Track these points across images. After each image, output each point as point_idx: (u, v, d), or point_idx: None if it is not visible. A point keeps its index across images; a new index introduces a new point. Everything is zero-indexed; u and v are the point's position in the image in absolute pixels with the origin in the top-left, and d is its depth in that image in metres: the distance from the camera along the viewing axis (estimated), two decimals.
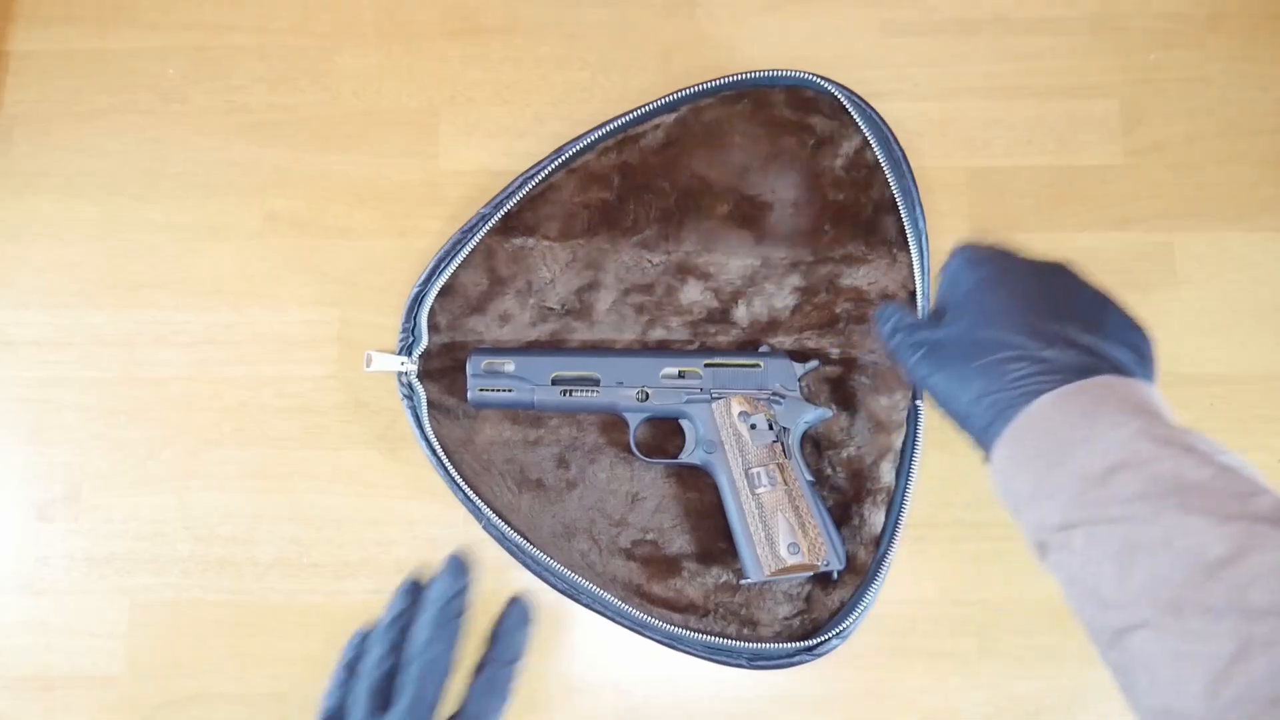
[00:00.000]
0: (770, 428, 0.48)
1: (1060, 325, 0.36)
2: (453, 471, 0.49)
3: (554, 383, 0.49)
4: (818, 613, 0.49)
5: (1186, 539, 0.29)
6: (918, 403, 0.50)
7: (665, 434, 0.51)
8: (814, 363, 0.50)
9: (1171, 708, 0.29)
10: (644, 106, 0.50)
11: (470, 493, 0.49)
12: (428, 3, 0.56)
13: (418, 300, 0.49)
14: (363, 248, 0.54)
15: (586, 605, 0.48)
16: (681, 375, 0.49)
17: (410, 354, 0.49)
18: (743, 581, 0.48)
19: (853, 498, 0.50)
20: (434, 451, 0.49)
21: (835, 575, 0.49)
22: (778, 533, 0.46)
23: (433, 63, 0.56)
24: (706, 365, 0.49)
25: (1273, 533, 0.29)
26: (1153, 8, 0.56)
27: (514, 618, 0.40)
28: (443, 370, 0.51)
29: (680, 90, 0.50)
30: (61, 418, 0.52)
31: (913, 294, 0.50)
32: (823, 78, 0.50)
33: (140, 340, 0.53)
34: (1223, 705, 0.28)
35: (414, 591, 0.41)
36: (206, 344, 0.53)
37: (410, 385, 0.49)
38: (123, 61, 0.56)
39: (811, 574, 0.48)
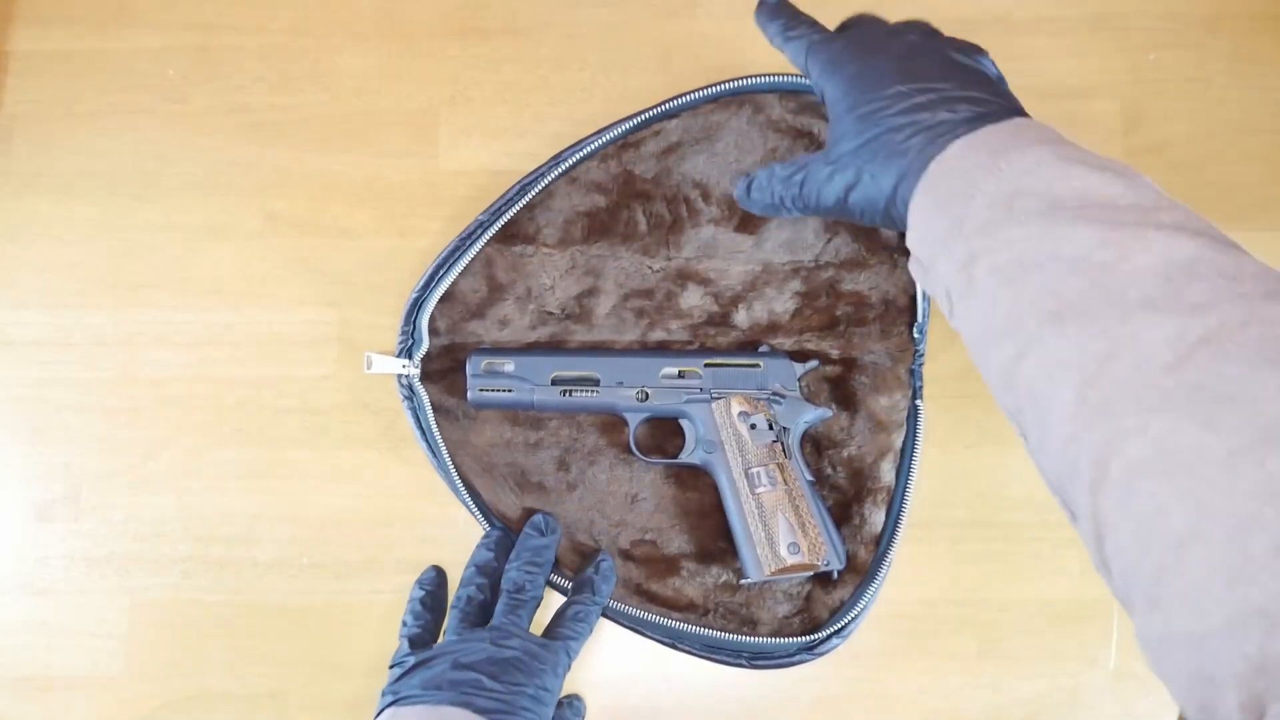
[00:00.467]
0: (770, 427, 0.48)
1: (966, 71, 0.36)
2: (453, 473, 0.49)
3: (554, 383, 0.49)
4: (818, 612, 0.49)
5: (1073, 247, 0.28)
6: (918, 403, 0.50)
7: (665, 434, 0.51)
8: (814, 363, 0.50)
9: (1046, 425, 0.28)
10: (643, 113, 0.50)
11: (470, 494, 0.49)
12: (428, 3, 0.56)
13: (417, 305, 0.49)
14: (363, 248, 0.54)
15: None
16: (681, 375, 0.49)
17: (411, 356, 0.49)
18: (743, 581, 0.48)
19: (853, 497, 0.50)
20: (435, 453, 0.49)
21: (835, 575, 0.49)
22: (778, 532, 0.46)
23: (433, 63, 0.56)
24: (706, 365, 0.49)
25: (1158, 236, 0.27)
26: (1153, 8, 0.56)
27: (601, 570, 0.47)
28: (443, 371, 0.51)
29: (680, 95, 0.50)
30: (61, 418, 0.52)
31: (913, 298, 0.50)
32: None
33: (140, 340, 0.53)
34: (1090, 411, 0.26)
35: (497, 547, 0.47)
36: (206, 344, 0.53)
37: (410, 387, 0.49)
38: (123, 61, 0.56)
39: (812, 574, 0.48)
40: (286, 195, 0.54)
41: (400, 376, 0.49)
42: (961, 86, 0.35)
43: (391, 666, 0.44)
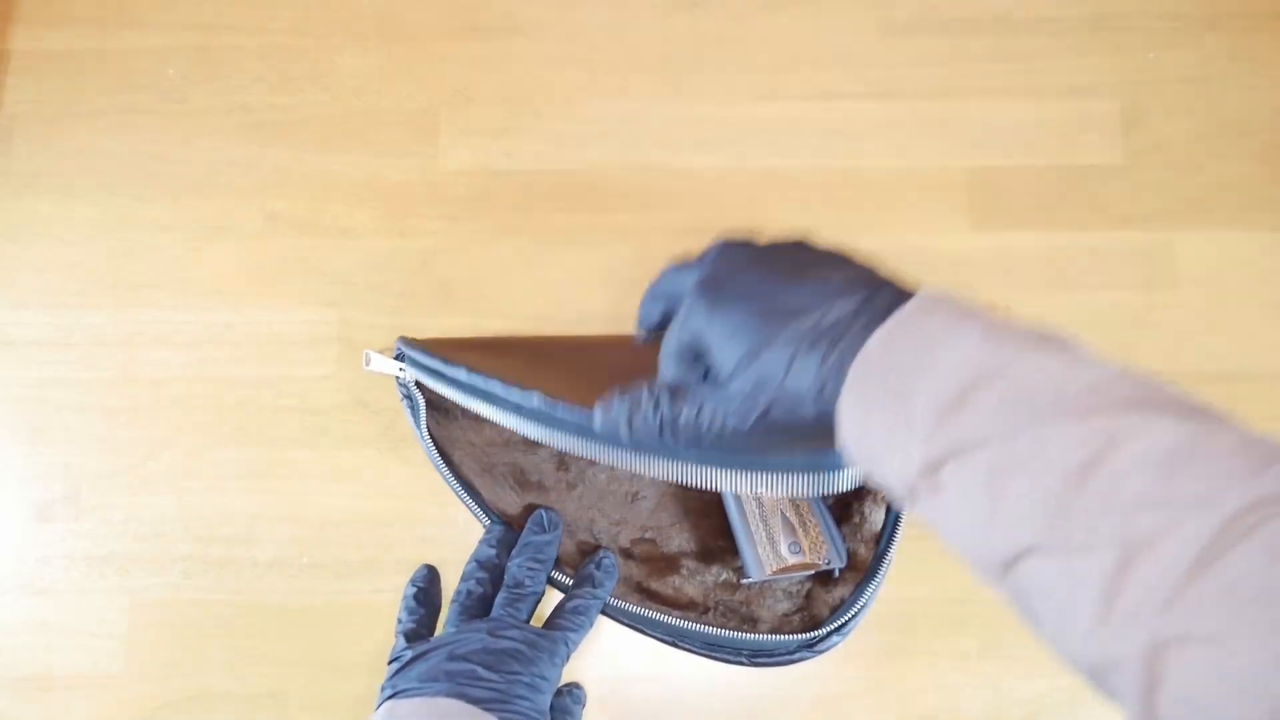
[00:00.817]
0: None
1: (846, 262, 0.34)
2: (448, 474, 0.48)
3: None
4: (818, 610, 0.49)
5: (1047, 450, 0.27)
6: None
7: None
8: None
9: (1063, 622, 0.27)
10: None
11: (470, 493, 0.49)
12: (428, 3, 0.56)
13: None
14: (363, 248, 0.54)
15: None
16: None
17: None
18: (744, 580, 0.47)
19: (853, 495, 0.50)
20: (435, 453, 0.49)
21: (836, 573, 0.49)
22: (778, 531, 0.46)
23: (433, 63, 0.56)
24: None
25: (1136, 419, 0.27)
26: (1153, 7, 0.56)
27: (602, 566, 0.47)
28: None
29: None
30: (61, 418, 0.52)
31: None
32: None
33: (140, 340, 0.53)
34: (1120, 618, 0.25)
35: (499, 544, 0.47)
36: (206, 344, 0.53)
37: (409, 388, 0.49)
38: (123, 61, 0.56)
39: (812, 572, 0.48)
40: (286, 195, 0.54)
41: (399, 378, 0.49)
42: (850, 278, 0.33)
43: (389, 662, 0.44)
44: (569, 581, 0.48)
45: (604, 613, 0.48)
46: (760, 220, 0.54)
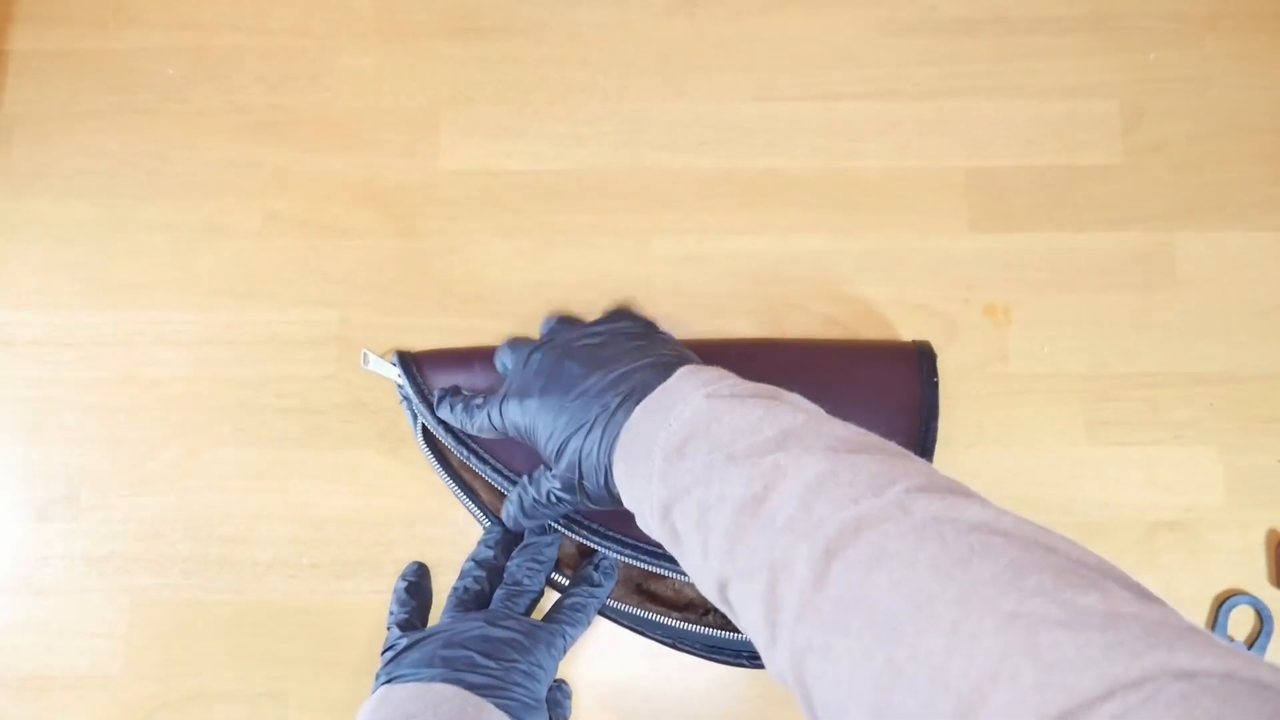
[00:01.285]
0: None
1: (641, 343, 0.41)
2: (447, 476, 0.48)
3: None
4: None
5: (730, 488, 0.31)
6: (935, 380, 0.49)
7: None
8: None
9: (757, 641, 0.31)
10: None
11: (469, 495, 0.49)
12: (428, 3, 0.56)
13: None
14: (363, 248, 0.54)
15: None
16: None
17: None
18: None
19: None
20: (433, 456, 0.49)
21: None
22: None
23: (433, 63, 0.56)
24: None
25: (795, 461, 0.31)
26: (1153, 7, 0.56)
27: (601, 566, 0.48)
28: None
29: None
30: (61, 418, 0.52)
31: None
32: None
33: (140, 340, 0.53)
34: (782, 632, 0.29)
35: (498, 545, 0.48)
36: (206, 344, 0.53)
37: (407, 389, 0.49)
38: (123, 61, 0.56)
39: None
40: (286, 195, 0.54)
41: (398, 381, 0.49)
42: (637, 358, 0.39)
43: (383, 652, 0.44)
44: (568, 583, 0.48)
45: (604, 615, 0.48)
46: (759, 221, 0.54)
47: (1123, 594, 0.24)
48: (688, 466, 0.33)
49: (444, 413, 0.47)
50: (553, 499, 0.42)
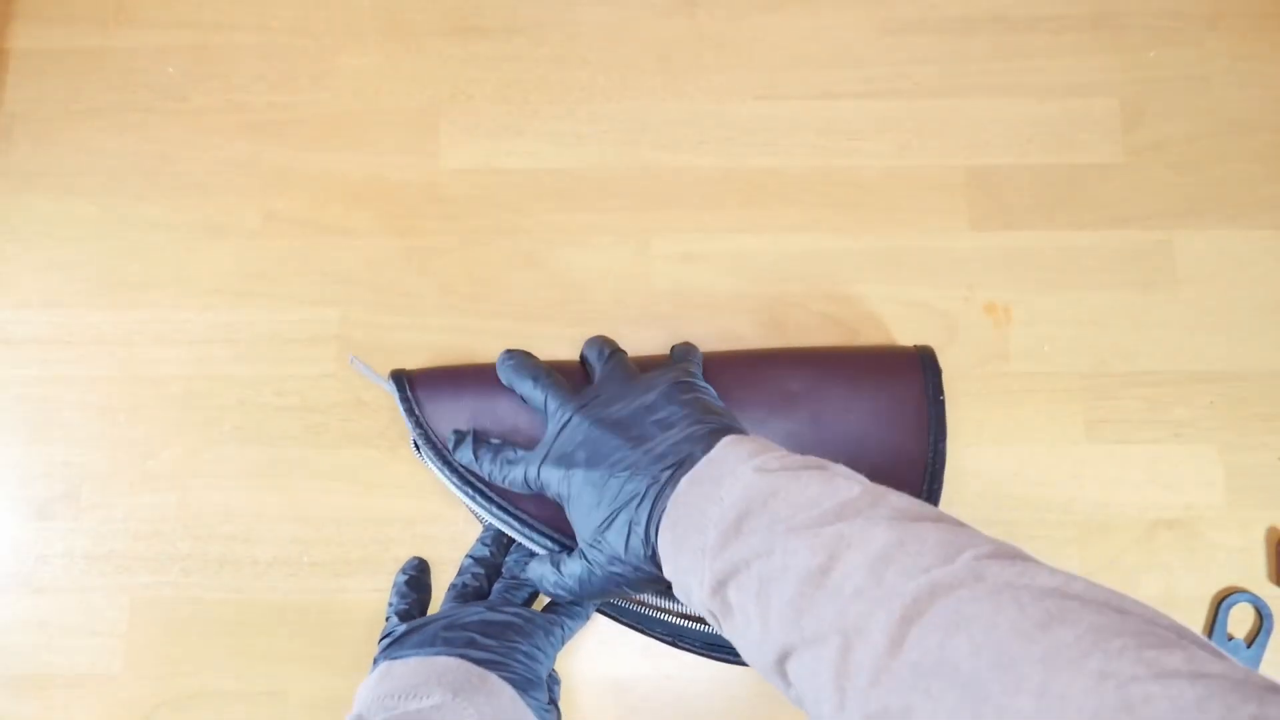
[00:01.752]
0: None
1: (686, 408, 0.40)
2: (444, 477, 0.48)
3: None
4: None
5: (794, 559, 0.32)
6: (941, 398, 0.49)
7: None
8: None
9: (821, 714, 0.31)
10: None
11: (469, 493, 0.49)
12: (428, 2, 0.56)
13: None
14: (363, 248, 0.54)
15: None
16: None
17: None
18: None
19: None
20: (430, 459, 0.49)
21: None
22: None
23: (433, 63, 0.56)
24: None
25: (861, 525, 0.31)
26: (1153, 6, 0.56)
27: None
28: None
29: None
30: (61, 417, 0.52)
31: None
32: None
33: (140, 339, 0.53)
34: (853, 701, 0.29)
35: (495, 542, 0.48)
36: (206, 343, 0.53)
37: (405, 391, 0.49)
38: (123, 61, 0.56)
39: None
40: (286, 195, 0.54)
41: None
42: (685, 427, 0.39)
43: (381, 639, 0.44)
44: None
45: (604, 612, 0.48)
46: (759, 221, 0.54)
47: (1203, 654, 0.24)
48: (746, 541, 0.33)
49: (464, 457, 0.45)
50: (576, 582, 0.42)
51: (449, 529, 0.51)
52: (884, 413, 0.48)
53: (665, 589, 0.41)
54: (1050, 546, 0.50)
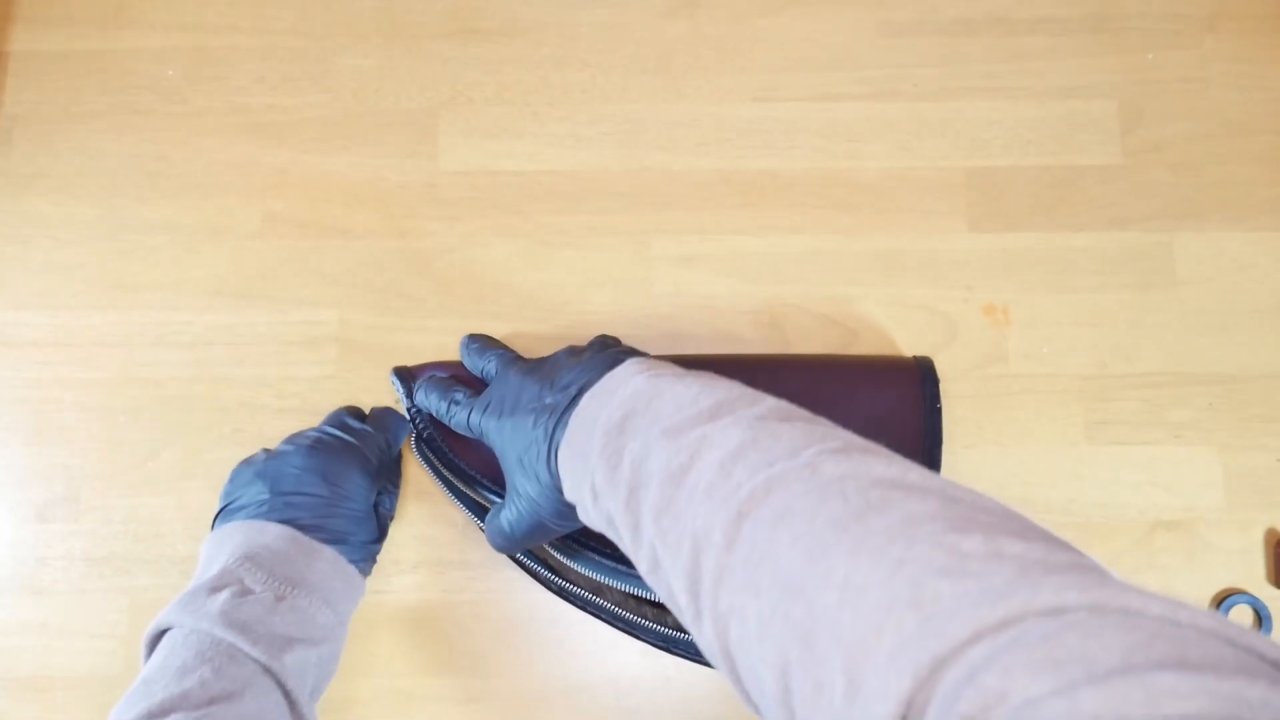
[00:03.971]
0: None
1: (591, 358, 0.41)
2: (440, 480, 0.49)
3: None
4: None
5: (658, 462, 0.32)
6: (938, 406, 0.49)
7: None
8: None
9: (680, 614, 0.31)
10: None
11: (466, 495, 0.49)
12: (428, 3, 0.56)
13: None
14: (363, 248, 0.54)
15: (580, 607, 0.48)
16: None
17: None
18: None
19: None
20: (430, 463, 0.49)
21: None
22: None
23: (433, 63, 0.56)
24: None
25: (720, 431, 0.31)
26: (1153, 8, 0.56)
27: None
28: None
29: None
30: (61, 418, 0.52)
31: None
32: None
33: (140, 341, 0.53)
34: (703, 601, 0.29)
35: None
36: (206, 345, 0.53)
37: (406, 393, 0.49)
38: (123, 61, 0.56)
39: None
40: (286, 195, 0.54)
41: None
42: (585, 364, 0.40)
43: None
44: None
45: (598, 618, 0.48)
46: (759, 222, 0.54)
47: (1007, 536, 0.24)
48: (625, 442, 0.33)
49: (420, 398, 0.47)
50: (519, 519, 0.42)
51: (448, 530, 0.51)
52: (880, 422, 0.48)
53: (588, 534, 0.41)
54: None
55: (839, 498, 0.26)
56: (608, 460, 0.34)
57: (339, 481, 0.43)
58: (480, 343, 0.49)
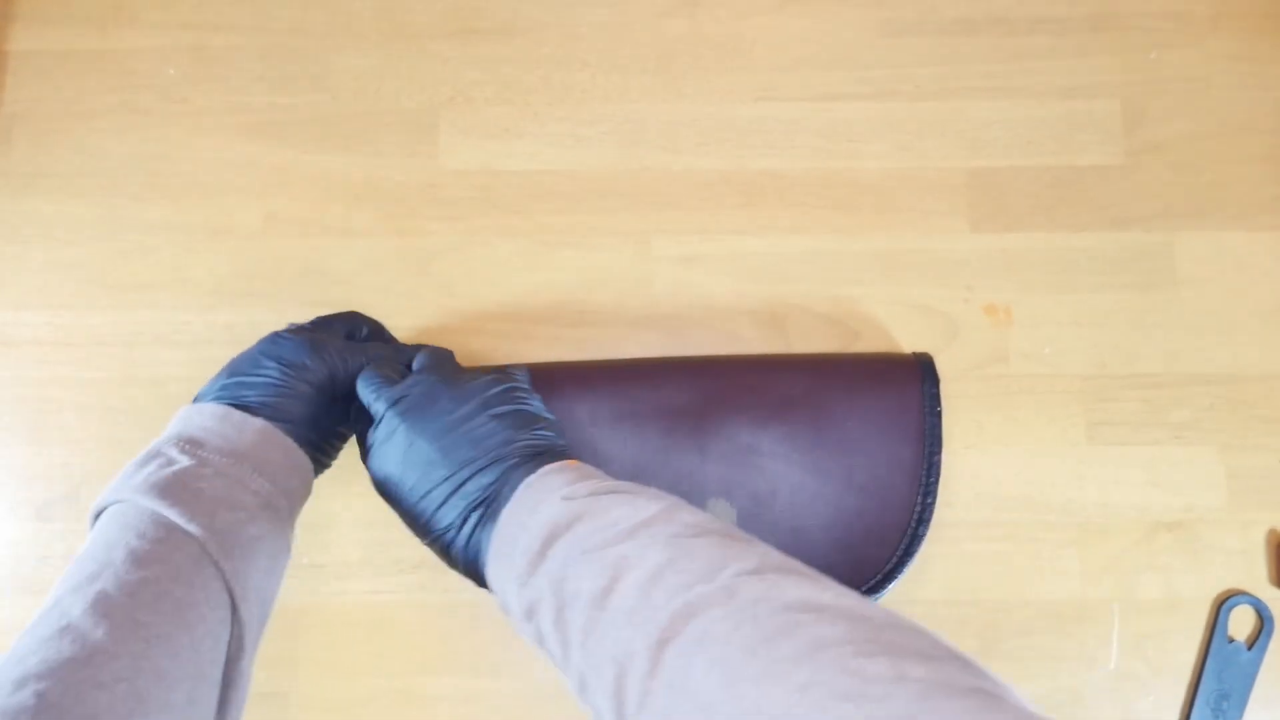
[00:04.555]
0: None
1: (507, 422, 0.40)
2: None
3: None
4: None
5: (583, 583, 0.32)
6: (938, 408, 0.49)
7: None
8: None
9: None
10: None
11: None
12: (427, 3, 0.56)
13: None
14: (363, 248, 0.54)
15: None
16: None
17: None
18: None
19: None
20: None
21: None
22: None
23: (433, 63, 0.56)
24: None
25: (641, 544, 0.31)
26: (1153, 7, 0.56)
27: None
28: None
29: None
30: (61, 418, 0.52)
31: None
32: None
33: (140, 340, 0.53)
34: None
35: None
36: (206, 344, 0.53)
37: None
38: (123, 61, 0.56)
39: None
40: (286, 195, 0.54)
41: None
42: (504, 444, 0.39)
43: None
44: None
45: None
46: (760, 222, 0.54)
47: (913, 659, 0.25)
48: (548, 567, 0.34)
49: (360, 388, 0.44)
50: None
51: None
52: (881, 421, 0.48)
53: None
54: (1051, 548, 0.50)
55: (751, 622, 0.27)
56: (533, 585, 0.34)
57: (290, 364, 0.42)
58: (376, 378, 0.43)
